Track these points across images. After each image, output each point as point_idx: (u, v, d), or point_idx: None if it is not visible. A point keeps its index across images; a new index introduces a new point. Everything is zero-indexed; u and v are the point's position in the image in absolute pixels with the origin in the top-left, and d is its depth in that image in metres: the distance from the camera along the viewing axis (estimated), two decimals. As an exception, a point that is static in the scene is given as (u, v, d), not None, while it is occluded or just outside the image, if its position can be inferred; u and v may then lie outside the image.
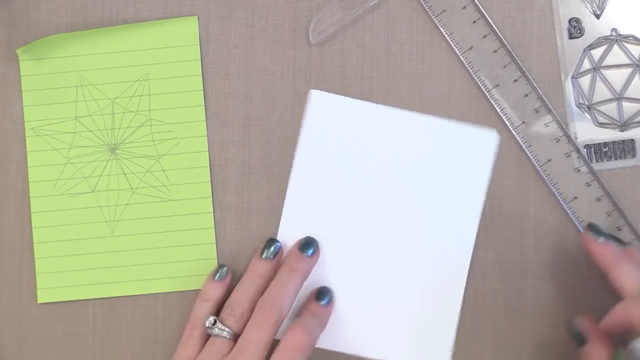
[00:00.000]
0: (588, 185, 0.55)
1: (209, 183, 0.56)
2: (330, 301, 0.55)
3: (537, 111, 0.56)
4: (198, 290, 0.55)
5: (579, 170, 0.55)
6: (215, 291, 0.54)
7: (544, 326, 0.55)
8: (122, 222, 0.56)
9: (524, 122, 0.56)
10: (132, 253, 0.56)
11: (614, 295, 0.49)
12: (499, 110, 0.56)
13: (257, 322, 0.51)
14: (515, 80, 0.56)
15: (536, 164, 0.56)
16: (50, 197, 0.56)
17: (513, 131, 0.56)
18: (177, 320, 0.55)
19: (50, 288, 0.56)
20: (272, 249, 0.55)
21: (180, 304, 0.56)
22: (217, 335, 0.52)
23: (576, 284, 0.55)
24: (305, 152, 0.56)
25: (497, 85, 0.56)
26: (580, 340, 0.50)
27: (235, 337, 0.52)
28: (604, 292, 0.52)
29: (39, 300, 0.56)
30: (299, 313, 0.54)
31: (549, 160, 0.56)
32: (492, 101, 0.56)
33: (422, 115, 0.56)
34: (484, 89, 0.56)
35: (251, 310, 0.52)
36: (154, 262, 0.56)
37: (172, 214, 0.56)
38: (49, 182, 0.57)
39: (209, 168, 0.56)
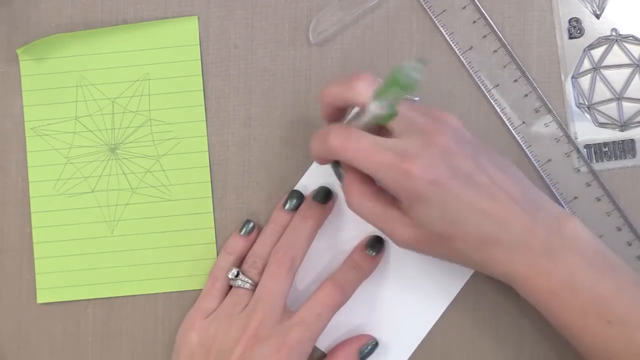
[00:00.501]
0: (588, 185, 0.55)
1: (209, 183, 0.56)
2: (379, 253, 0.54)
3: (537, 111, 0.56)
4: (198, 290, 0.55)
5: (579, 170, 0.55)
6: (239, 245, 0.55)
7: (544, 326, 0.55)
8: (122, 222, 0.56)
9: (524, 122, 0.56)
10: (132, 253, 0.56)
11: None
12: (499, 110, 0.56)
13: (271, 271, 0.52)
14: (515, 80, 0.56)
15: (536, 164, 0.56)
16: (50, 197, 0.56)
17: (513, 131, 0.56)
18: (177, 321, 0.55)
19: (50, 288, 0.56)
20: (294, 200, 0.55)
21: (180, 304, 0.56)
22: (239, 287, 0.53)
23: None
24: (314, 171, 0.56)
25: (497, 85, 0.56)
26: (339, 175, 0.51)
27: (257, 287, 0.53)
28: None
29: (39, 300, 0.56)
30: (344, 261, 0.54)
31: (549, 160, 0.56)
32: (492, 101, 0.56)
33: None
34: (484, 89, 0.56)
35: None
36: (154, 262, 0.56)
37: (172, 214, 0.56)
38: (49, 182, 0.57)
39: (209, 168, 0.56)
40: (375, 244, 0.54)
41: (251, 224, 0.55)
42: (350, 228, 0.55)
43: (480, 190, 0.47)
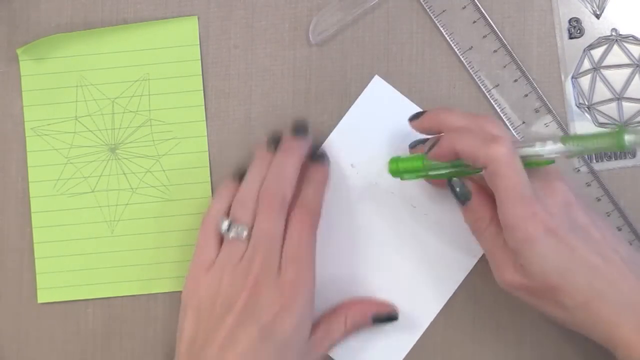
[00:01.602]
0: (588, 185, 0.55)
1: (209, 183, 0.56)
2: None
3: (537, 111, 0.56)
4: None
5: (579, 171, 0.55)
6: (231, 192, 0.54)
7: (544, 326, 0.55)
8: (122, 222, 0.56)
9: (524, 122, 0.56)
10: (132, 253, 0.56)
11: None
12: (499, 110, 0.56)
13: (263, 213, 0.51)
14: (515, 80, 0.56)
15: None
16: (50, 197, 0.56)
17: (513, 131, 0.56)
18: (177, 320, 0.55)
19: (50, 288, 0.56)
20: (277, 141, 0.54)
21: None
22: (234, 238, 0.52)
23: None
24: (343, 129, 0.56)
25: (497, 85, 0.56)
26: (465, 197, 0.50)
27: (251, 231, 0.52)
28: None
29: (39, 300, 0.56)
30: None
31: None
32: (492, 101, 0.56)
33: None
34: (484, 89, 0.56)
35: None
36: (154, 262, 0.56)
37: (172, 214, 0.56)
38: (49, 182, 0.57)
39: (209, 168, 0.56)
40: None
41: (243, 170, 0.54)
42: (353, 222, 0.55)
43: (593, 246, 0.47)
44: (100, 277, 0.56)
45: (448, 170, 0.50)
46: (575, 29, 0.56)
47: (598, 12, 0.56)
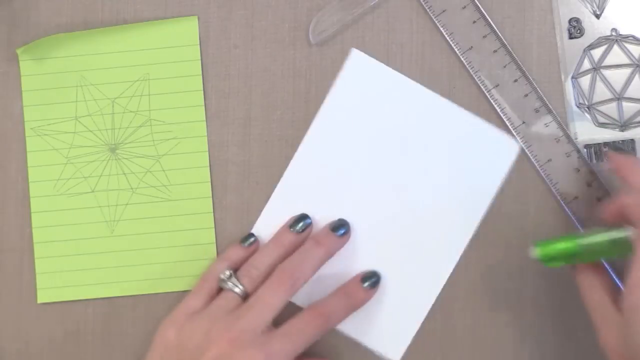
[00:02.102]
0: (588, 185, 0.55)
1: (209, 183, 0.56)
2: (374, 288, 0.54)
3: (537, 111, 0.56)
4: (198, 290, 0.55)
5: (579, 171, 0.55)
6: (238, 255, 0.54)
7: (544, 326, 0.55)
8: (122, 222, 0.56)
9: (524, 122, 0.56)
10: (132, 253, 0.56)
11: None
12: (499, 110, 0.56)
13: (272, 284, 0.51)
14: (515, 81, 0.56)
15: (536, 164, 0.56)
16: (50, 197, 0.56)
17: (513, 131, 0.56)
18: (177, 320, 0.55)
19: (50, 288, 0.56)
20: (301, 223, 0.54)
21: (180, 304, 0.56)
22: (229, 290, 0.52)
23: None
24: (329, 110, 0.56)
25: (497, 85, 0.56)
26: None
27: (246, 297, 0.52)
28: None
29: (39, 300, 0.56)
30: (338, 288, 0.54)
31: (549, 160, 0.56)
32: (492, 101, 0.56)
33: (451, 103, 0.56)
34: (484, 89, 0.56)
35: (267, 276, 0.52)
36: (154, 262, 0.56)
37: (172, 214, 0.56)
38: (49, 182, 0.57)
39: (209, 168, 0.56)
40: (372, 278, 0.54)
41: (253, 238, 0.55)
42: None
43: None
44: (100, 277, 0.56)
45: (603, 249, 0.48)
46: (575, 29, 0.56)
47: (598, 12, 0.56)
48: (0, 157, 0.57)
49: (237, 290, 0.52)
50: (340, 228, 0.54)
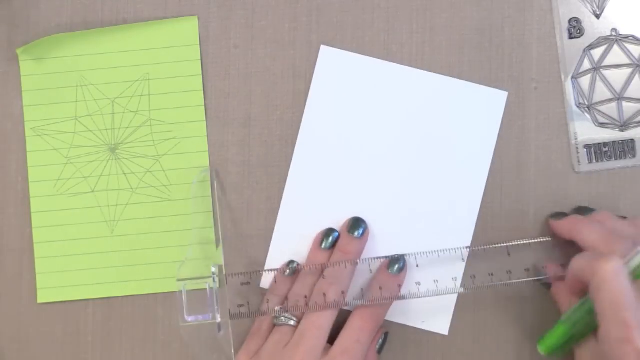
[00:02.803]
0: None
1: (209, 183, 0.56)
2: (402, 270, 0.54)
3: (537, 111, 0.56)
4: (198, 290, 0.55)
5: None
6: (285, 286, 0.55)
7: (543, 324, 0.55)
8: (122, 222, 0.56)
9: (524, 122, 0.56)
10: (132, 253, 0.56)
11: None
12: (499, 110, 0.56)
13: (317, 307, 0.52)
14: (515, 80, 0.56)
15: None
16: (50, 197, 0.56)
17: (513, 131, 0.56)
18: (177, 320, 0.55)
19: (50, 288, 0.56)
20: (330, 239, 0.55)
21: (180, 304, 0.56)
22: (282, 324, 0.53)
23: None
24: (314, 109, 0.56)
25: (497, 85, 0.56)
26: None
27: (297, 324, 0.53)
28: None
29: (39, 300, 0.56)
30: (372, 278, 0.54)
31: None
32: (492, 101, 0.56)
33: (430, 73, 0.56)
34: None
35: (311, 296, 0.53)
36: (154, 262, 0.56)
37: (172, 214, 0.56)
38: (49, 182, 0.57)
39: (208, 168, 0.56)
40: (396, 262, 0.54)
41: (295, 264, 0.55)
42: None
43: None
44: (100, 277, 0.56)
45: (588, 321, 0.49)
46: (575, 29, 0.56)
47: (598, 12, 0.56)
48: (0, 157, 0.57)
49: (291, 323, 0.53)
50: (358, 228, 0.55)
